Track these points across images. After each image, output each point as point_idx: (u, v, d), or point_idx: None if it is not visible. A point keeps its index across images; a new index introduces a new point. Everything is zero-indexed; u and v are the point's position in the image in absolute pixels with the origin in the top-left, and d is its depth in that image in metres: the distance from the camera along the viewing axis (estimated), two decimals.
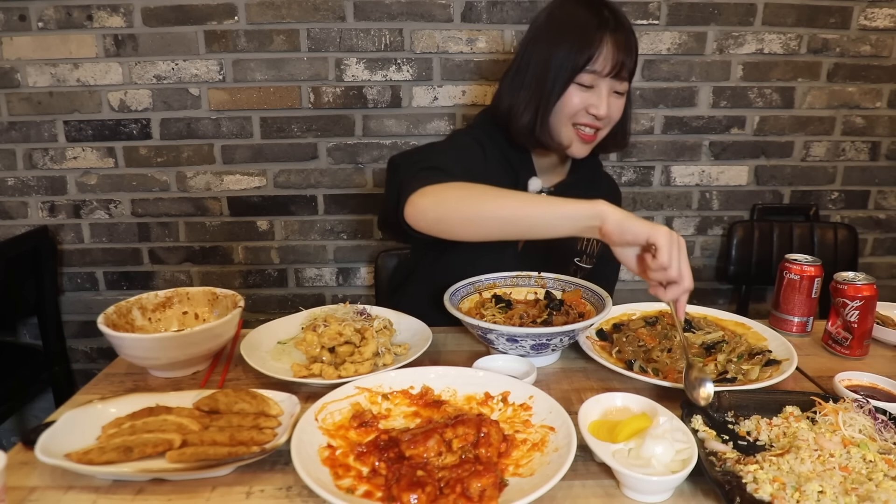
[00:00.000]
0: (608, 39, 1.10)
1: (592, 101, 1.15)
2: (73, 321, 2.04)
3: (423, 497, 0.64)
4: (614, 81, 1.14)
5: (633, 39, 1.15)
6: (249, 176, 1.94)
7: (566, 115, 1.17)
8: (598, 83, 1.14)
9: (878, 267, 2.12)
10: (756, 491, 0.66)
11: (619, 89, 1.16)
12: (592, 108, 1.15)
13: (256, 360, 0.97)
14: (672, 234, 0.88)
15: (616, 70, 1.12)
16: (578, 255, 1.35)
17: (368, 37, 1.83)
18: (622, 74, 1.14)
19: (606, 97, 1.14)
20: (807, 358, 1.08)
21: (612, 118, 1.19)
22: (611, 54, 1.11)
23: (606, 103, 1.14)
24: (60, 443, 0.73)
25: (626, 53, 1.12)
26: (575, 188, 1.31)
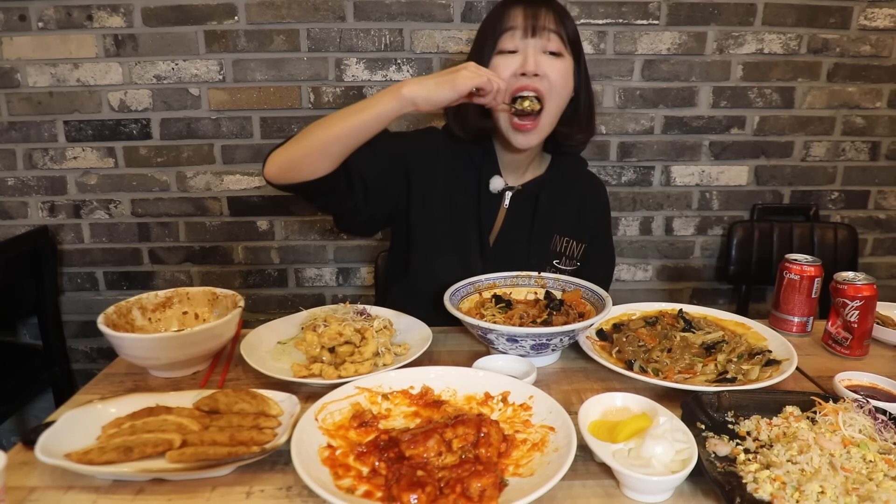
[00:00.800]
0: (516, 7, 1.13)
1: (519, 62, 1.12)
2: (73, 321, 2.04)
3: (423, 497, 0.64)
4: (539, 40, 1.12)
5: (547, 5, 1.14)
6: (249, 176, 1.94)
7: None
8: (521, 46, 1.13)
9: (878, 267, 2.12)
10: (756, 491, 0.66)
11: (549, 48, 1.13)
12: (520, 67, 1.12)
13: (256, 360, 0.97)
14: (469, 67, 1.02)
15: (531, 29, 1.11)
16: (557, 257, 1.33)
17: (368, 37, 1.83)
18: (543, 31, 1.12)
19: (534, 55, 1.12)
20: (807, 358, 1.08)
21: (550, 79, 1.14)
22: (520, 17, 1.12)
23: (535, 60, 1.11)
24: (60, 443, 0.73)
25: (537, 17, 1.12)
26: (548, 187, 1.29)
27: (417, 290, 1.27)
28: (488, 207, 1.27)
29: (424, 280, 1.25)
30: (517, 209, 1.28)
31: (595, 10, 1.83)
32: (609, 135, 1.95)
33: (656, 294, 2.10)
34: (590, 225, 1.37)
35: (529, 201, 1.29)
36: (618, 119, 1.93)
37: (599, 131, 1.93)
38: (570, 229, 1.32)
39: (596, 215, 1.39)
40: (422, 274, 1.28)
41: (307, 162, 1.06)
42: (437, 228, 1.26)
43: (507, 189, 1.28)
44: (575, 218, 1.34)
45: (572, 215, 1.33)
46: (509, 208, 1.28)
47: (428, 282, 1.22)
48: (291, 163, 1.08)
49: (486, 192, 1.27)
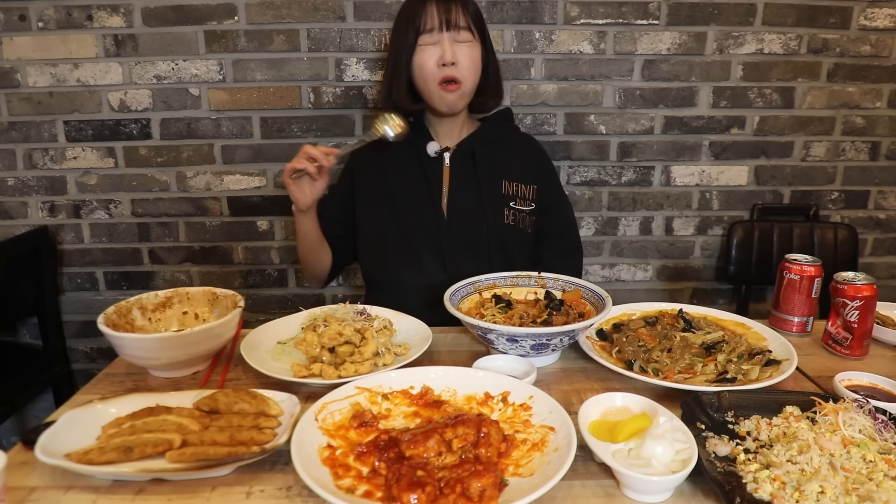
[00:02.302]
0: (430, 6, 1.31)
1: (439, 53, 1.31)
2: (73, 321, 2.04)
3: (423, 497, 0.64)
4: (453, 34, 1.32)
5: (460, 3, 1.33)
6: (249, 176, 1.94)
7: (427, 77, 1.33)
8: (438, 39, 1.32)
9: (878, 267, 2.12)
10: (756, 491, 0.66)
11: (459, 38, 1.33)
12: (440, 59, 1.31)
13: (256, 360, 0.97)
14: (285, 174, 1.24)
15: (445, 25, 1.31)
16: (511, 199, 1.42)
17: (368, 37, 1.83)
18: (456, 27, 1.31)
19: (450, 46, 1.31)
20: (807, 358, 1.08)
21: (463, 65, 1.33)
22: (436, 16, 1.30)
23: (451, 50, 1.31)
24: (60, 443, 0.73)
25: (449, 12, 1.31)
26: (481, 142, 1.44)
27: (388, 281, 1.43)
28: (433, 172, 1.43)
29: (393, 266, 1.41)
30: (459, 168, 1.43)
31: (595, 10, 1.83)
32: (609, 135, 1.95)
33: (656, 294, 2.10)
34: (533, 167, 1.49)
35: (467, 158, 1.43)
36: (618, 119, 1.93)
37: (599, 131, 1.93)
38: (516, 174, 1.45)
39: (536, 158, 1.52)
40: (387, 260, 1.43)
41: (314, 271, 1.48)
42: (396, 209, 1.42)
43: (443, 150, 1.43)
44: (516, 162, 1.47)
45: (513, 161, 1.47)
46: (451, 168, 1.43)
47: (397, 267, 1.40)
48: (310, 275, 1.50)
49: (427, 159, 1.43)
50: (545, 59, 1.87)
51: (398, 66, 1.36)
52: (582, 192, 1.99)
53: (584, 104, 1.91)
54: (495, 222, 1.39)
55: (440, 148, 1.43)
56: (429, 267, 1.38)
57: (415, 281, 1.37)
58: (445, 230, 1.39)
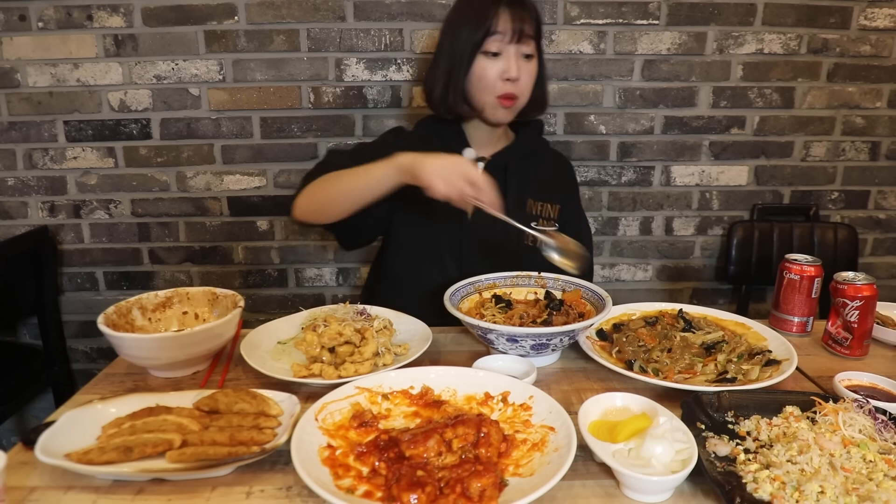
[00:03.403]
0: (503, 10, 1.22)
1: (503, 67, 1.24)
2: (73, 321, 2.04)
3: (423, 497, 0.64)
4: (520, 46, 1.24)
5: (529, 9, 1.25)
6: (249, 176, 1.94)
7: (486, 88, 1.26)
8: (504, 49, 1.24)
9: (878, 267, 2.12)
10: (756, 491, 0.66)
11: (525, 51, 1.26)
12: (505, 73, 1.24)
13: (256, 360, 0.97)
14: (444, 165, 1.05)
15: (517, 35, 1.22)
16: (534, 219, 1.39)
17: (368, 37, 1.83)
18: (525, 38, 1.24)
19: (516, 60, 1.24)
20: (807, 358, 1.08)
21: (524, 82, 1.28)
22: (508, 22, 1.22)
23: (517, 66, 1.24)
24: (60, 443, 0.73)
25: (523, 21, 1.23)
26: (514, 156, 1.40)
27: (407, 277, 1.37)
28: None
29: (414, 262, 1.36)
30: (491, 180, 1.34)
31: (595, 10, 1.83)
32: (609, 135, 1.95)
33: (656, 294, 2.10)
34: (560, 187, 1.46)
35: (500, 171, 1.36)
36: (618, 119, 1.93)
37: (599, 131, 1.93)
38: (543, 194, 1.41)
39: (564, 178, 1.51)
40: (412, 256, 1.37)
41: (325, 212, 1.23)
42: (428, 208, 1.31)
43: (479, 159, 1.37)
44: (544, 182, 1.43)
45: (542, 180, 1.42)
46: None
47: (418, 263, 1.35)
48: (312, 211, 1.25)
49: None
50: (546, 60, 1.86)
51: (456, 69, 1.27)
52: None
53: (584, 104, 1.91)
54: (517, 243, 1.32)
55: (476, 156, 1.37)
56: (448, 268, 1.34)
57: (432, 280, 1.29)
58: (467, 236, 1.34)
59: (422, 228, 1.36)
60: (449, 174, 1.04)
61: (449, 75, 1.29)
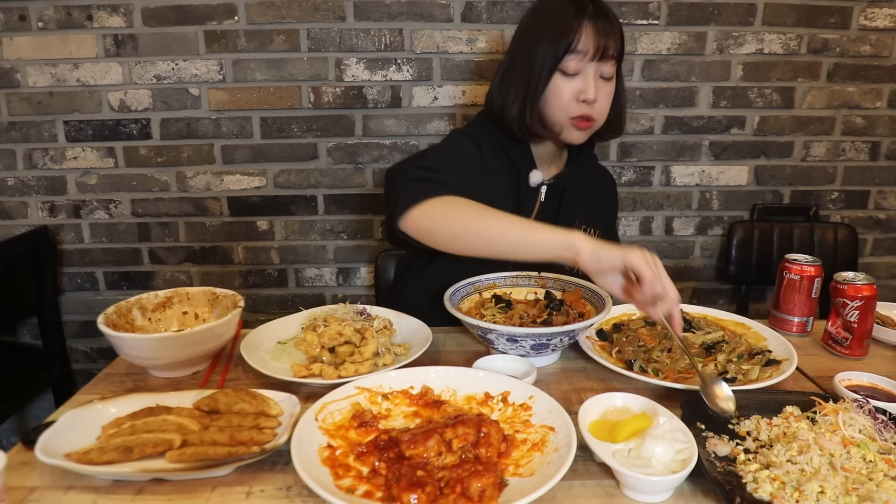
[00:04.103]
0: (587, 25, 1.12)
1: (580, 87, 1.15)
2: (73, 321, 2.04)
3: (423, 497, 0.64)
4: (600, 65, 1.15)
5: (615, 24, 1.16)
6: (249, 176, 1.94)
7: (559, 108, 1.17)
8: (583, 69, 1.15)
9: (878, 267, 2.12)
10: (756, 491, 0.66)
11: (605, 73, 1.17)
12: (582, 94, 1.15)
13: (256, 360, 0.97)
14: (645, 252, 0.89)
15: (599, 53, 1.13)
16: None
17: (368, 37, 1.83)
18: (606, 57, 1.14)
19: (594, 81, 1.15)
20: (807, 358, 1.08)
21: (602, 104, 1.19)
22: (591, 38, 1.12)
23: (594, 87, 1.15)
24: (60, 443, 0.73)
25: (607, 37, 1.13)
26: (573, 179, 1.33)
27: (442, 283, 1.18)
28: (527, 201, 1.29)
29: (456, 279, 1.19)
30: (549, 202, 1.31)
31: None
32: None
33: None
34: (605, 213, 1.46)
35: (557, 194, 1.32)
36: None
37: None
38: (589, 217, 1.37)
39: (610, 205, 1.50)
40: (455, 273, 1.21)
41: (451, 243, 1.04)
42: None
43: (543, 183, 1.30)
44: (593, 206, 1.39)
45: (590, 204, 1.39)
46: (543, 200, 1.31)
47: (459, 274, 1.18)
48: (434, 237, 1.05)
49: (526, 187, 1.28)
50: None
51: (533, 88, 1.16)
52: None
53: None
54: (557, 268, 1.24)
55: (542, 180, 1.29)
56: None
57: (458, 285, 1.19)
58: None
59: None
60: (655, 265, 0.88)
61: (526, 94, 1.18)
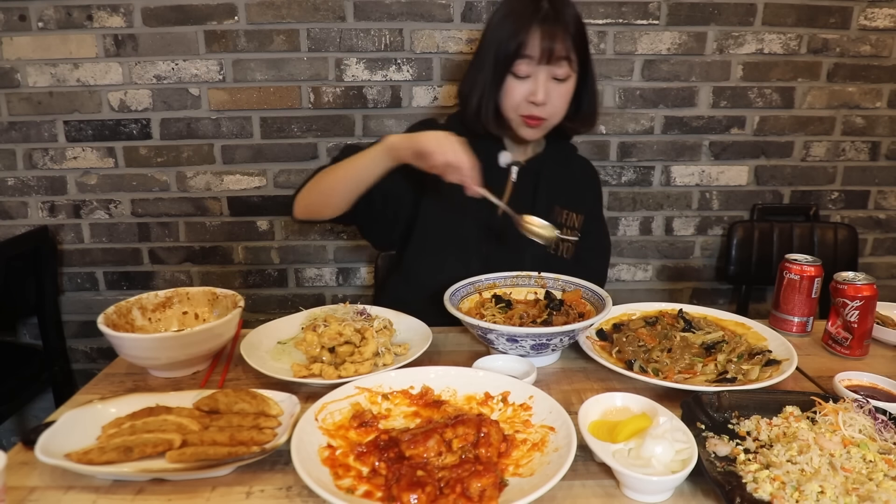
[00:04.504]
0: (536, 29, 1.16)
1: (530, 89, 1.20)
2: (73, 321, 2.04)
3: (423, 497, 0.64)
4: (551, 67, 1.19)
5: (569, 26, 1.19)
6: (249, 176, 1.94)
7: (511, 107, 1.24)
8: (533, 72, 1.20)
9: (878, 267, 2.12)
10: (756, 491, 0.66)
11: (558, 75, 1.21)
12: (531, 95, 1.20)
13: (256, 360, 0.97)
14: (439, 133, 1.06)
15: (546, 57, 1.17)
16: (559, 227, 1.36)
17: (368, 37, 1.83)
18: (556, 60, 1.18)
19: (544, 84, 1.19)
20: (807, 358, 1.08)
21: (554, 104, 1.23)
22: (539, 43, 1.16)
23: (544, 89, 1.19)
24: (60, 443, 0.73)
25: (555, 40, 1.16)
26: (548, 164, 1.38)
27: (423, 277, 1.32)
28: (496, 182, 1.31)
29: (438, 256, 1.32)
30: (522, 183, 1.34)
31: (595, 10, 1.83)
32: (609, 135, 1.95)
33: (656, 294, 2.10)
34: (587, 197, 1.45)
35: (531, 177, 1.36)
36: (618, 119, 1.93)
37: (599, 131, 1.93)
38: (569, 202, 1.39)
39: (591, 188, 1.49)
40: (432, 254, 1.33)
41: (324, 204, 1.23)
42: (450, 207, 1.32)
43: (514, 164, 1.34)
44: (572, 192, 1.41)
45: (570, 188, 1.41)
46: (515, 182, 1.34)
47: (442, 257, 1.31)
48: (311, 207, 1.26)
49: (495, 167, 1.32)
50: None
51: (490, 86, 1.23)
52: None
53: None
54: (540, 250, 1.30)
55: (512, 160, 1.34)
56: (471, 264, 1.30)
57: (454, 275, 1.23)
58: (493, 239, 1.32)
59: (448, 222, 1.33)
60: (445, 141, 1.06)
61: (483, 91, 1.25)
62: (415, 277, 1.37)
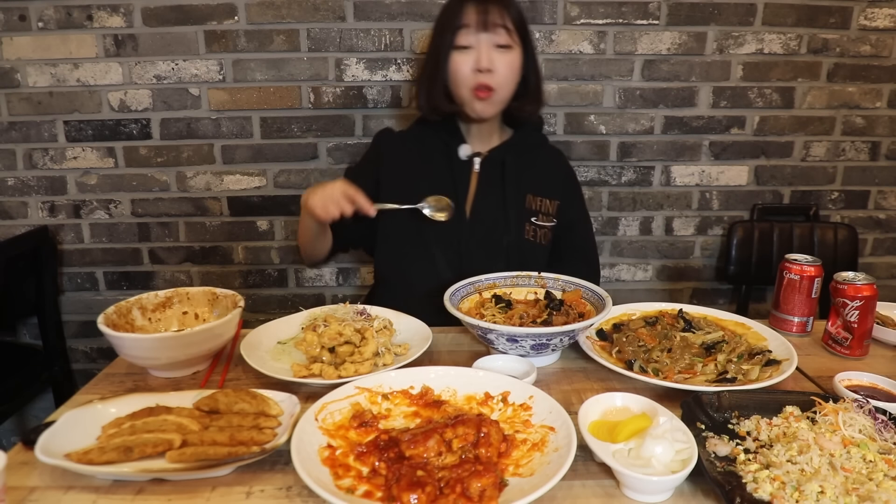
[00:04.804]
0: (469, 5, 1.25)
1: (475, 58, 1.26)
2: (73, 321, 2.04)
3: (423, 497, 0.64)
4: (491, 35, 1.25)
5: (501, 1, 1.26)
6: (249, 176, 1.94)
7: (461, 82, 1.29)
8: (475, 42, 1.26)
9: (878, 267, 2.12)
10: (756, 491, 0.66)
11: (499, 41, 1.26)
12: (476, 63, 1.26)
13: (256, 360, 0.97)
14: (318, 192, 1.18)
15: (483, 23, 1.24)
16: (533, 214, 1.39)
17: (368, 37, 1.83)
18: (493, 26, 1.24)
19: (487, 51, 1.25)
20: (807, 358, 1.08)
21: (500, 73, 1.28)
22: (474, 12, 1.24)
23: (487, 56, 1.25)
24: (60, 443, 0.73)
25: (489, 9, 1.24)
26: (512, 152, 1.41)
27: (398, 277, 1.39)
28: (461, 175, 1.39)
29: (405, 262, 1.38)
30: (488, 175, 1.39)
31: (595, 10, 1.83)
32: (609, 135, 1.95)
33: (656, 294, 2.10)
34: (558, 183, 1.46)
35: (497, 167, 1.39)
36: (618, 119, 1.93)
37: (599, 131, 1.94)
38: (541, 188, 1.41)
39: (563, 174, 1.50)
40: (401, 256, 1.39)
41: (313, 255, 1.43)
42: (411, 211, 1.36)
43: (475, 155, 1.39)
44: (543, 178, 1.44)
45: (540, 176, 1.43)
46: (480, 173, 1.39)
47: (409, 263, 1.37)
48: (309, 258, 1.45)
49: (457, 161, 1.39)
50: (545, 59, 1.87)
51: (435, 68, 1.31)
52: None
53: (584, 104, 1.91)
54: (516, 237, 1.36)
55: (472, 152, 1.39)
56: (442, 269, 1.35)
57: (426, 281, 1.32)
58: (466, 235, 1.35)
59: (409, 228, 1.37)
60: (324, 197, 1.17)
61: (430, 76, 1.33)
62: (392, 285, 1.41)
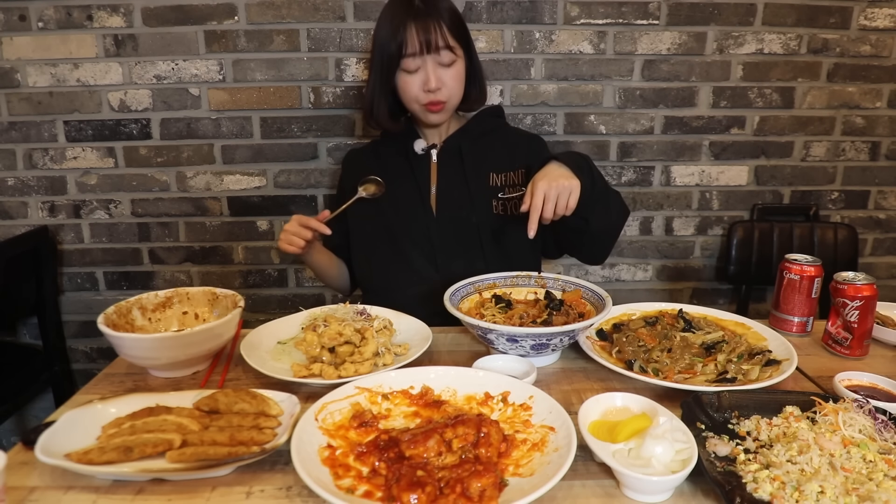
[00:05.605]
0: (411, 25, 1.25)
1: (422, 79, 1.29)
2: (73, 321, 2.04)
3: (423, 497, 0.64)
4: (435, 56, 1.28)
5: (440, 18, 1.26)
6: (249, 176, 1.94)
7: (411, 99, 1.33)
8: (420, 64, 1.28)
9: (878, 267, 2.12)
10: (756, 491, 0.66)
11: (443, 61, 1.29)
12: (425, 85, 1.29)
13: (256, 360, 0.97)
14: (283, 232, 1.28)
15: (425, 48, 1.26)
16: (499, 190, 1.40)
17: (368, 37, 1.83)
18: (436, 50, 1.27)
19: (433, 72, 1.29)
20: (807, 358, 1.08)
21: (448, 86, 1.31)
22: (416, 38, 1.25)
23: (435, 76, 1.28)
24: (60, 443, 0.73)
25: (429, 33, 1.25)
26: (466, 139, 1.43)
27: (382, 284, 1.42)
28: (420, 169, 1.43)
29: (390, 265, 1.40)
30: (447, 164, 1.43)
31: (595, 10, 1.83)
32: (609, 135, 1.95)
33: (656, 294, 2.10)
34: (520, 153, 1.44)
35: (455, 154, 1.42)
36: (618, 119, 1.93)
37: (599, 131, 1.94)
38: (503, 164, 1.42)
39: (525, 144, 1.47)
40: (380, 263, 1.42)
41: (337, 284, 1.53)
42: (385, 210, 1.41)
43: (430, 147, 1.43)
44: (503, 153, 1.44)
45: (500, 152, 1.44)
46: (439, 165, 1.43)
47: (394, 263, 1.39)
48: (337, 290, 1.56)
49: (415, 157, 1.43)
50: (545, 59, 1.87)
51: (380, 85, 1.33)
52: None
53: (584, 104, 1.91)
54: (485, 215, 1.37)
55: (427, 145, 1.43)
56: (420, 267, 1.37)
57: (406, 282, 1.36)
58: (435, 228, 1.38)
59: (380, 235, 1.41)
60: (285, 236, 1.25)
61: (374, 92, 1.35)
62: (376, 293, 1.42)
